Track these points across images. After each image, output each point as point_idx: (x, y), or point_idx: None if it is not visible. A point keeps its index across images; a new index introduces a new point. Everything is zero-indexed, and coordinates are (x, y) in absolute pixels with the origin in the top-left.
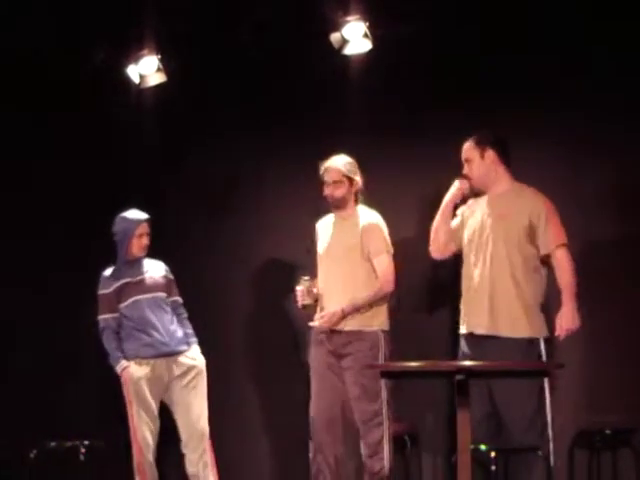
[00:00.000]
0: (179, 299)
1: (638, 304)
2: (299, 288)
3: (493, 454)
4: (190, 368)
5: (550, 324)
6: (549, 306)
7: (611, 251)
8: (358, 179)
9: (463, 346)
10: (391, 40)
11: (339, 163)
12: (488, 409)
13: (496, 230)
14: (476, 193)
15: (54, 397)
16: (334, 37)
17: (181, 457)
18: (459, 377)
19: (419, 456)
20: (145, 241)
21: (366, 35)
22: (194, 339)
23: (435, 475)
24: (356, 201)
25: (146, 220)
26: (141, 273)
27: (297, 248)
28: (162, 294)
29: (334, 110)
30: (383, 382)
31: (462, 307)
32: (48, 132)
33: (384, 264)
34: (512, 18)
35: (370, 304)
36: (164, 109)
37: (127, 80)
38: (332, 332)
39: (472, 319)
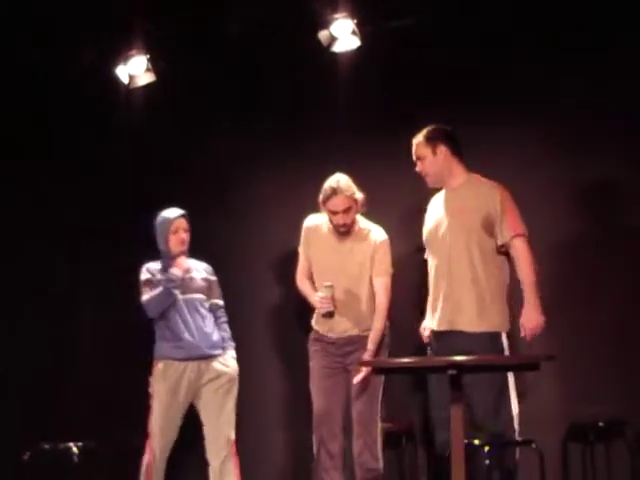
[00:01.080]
0: (219, 302)
1: (628, 296)
2: (322, 295)
3: (487, 448)
4: (221, 374)
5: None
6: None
7: (600, 244)
8: (361, 197)
9: (432, 342)
10: (379, 37)
11: (342, 189)
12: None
13: (452, 226)
14: (434, 189)
15: (48, 399)
16: (322, 35)
17: (203, 464)
18: (451, 372)
19: (414, 452)
20: (182, 236)
21: (354, 32)
22: (231, 343)
23: (429, 471)
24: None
25: (181, 216)
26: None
27: (289, 248)
28: (200, 296)
29: (322, 107)
30: (382, 379)
31: (427, 305)
32: (36, 133)
33: (387, 286)
34: (502, 14)
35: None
36: (153, 109)
37: (116, 80)
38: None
39: (434, 316)
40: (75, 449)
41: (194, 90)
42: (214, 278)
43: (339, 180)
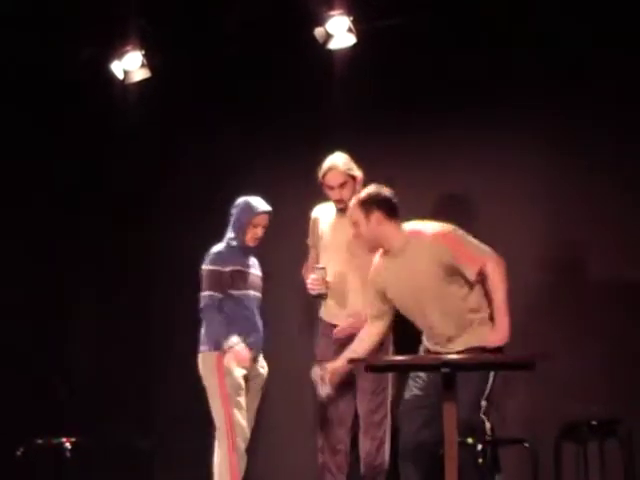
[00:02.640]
0: None
1: (621, 296)
2: (314, 277)
3: (480, 447)
4: (260, 374)
5: None
6: None
7: (592, 244)
8: (359, 174)
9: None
10: (375, 34)
11: (339, 163)
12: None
13: (411, 288)
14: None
15: (41, 394)
16: (318, 32)
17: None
18: (445, 370)
19: None
20: (260, 233)
21: (350, 29)
22: None
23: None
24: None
25: (267, 212)
26: (249, 266)
27: (288, 242)
28: (260, 295)
29: (318, 105)
30: (390, 376)
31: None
32: (34, 130)
33: None
34: (500, 12)
35: None
36: (149, 105)
37: (111, 76)
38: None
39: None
40: (68, 445)
41: (189, 86)
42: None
43: (336, 156)
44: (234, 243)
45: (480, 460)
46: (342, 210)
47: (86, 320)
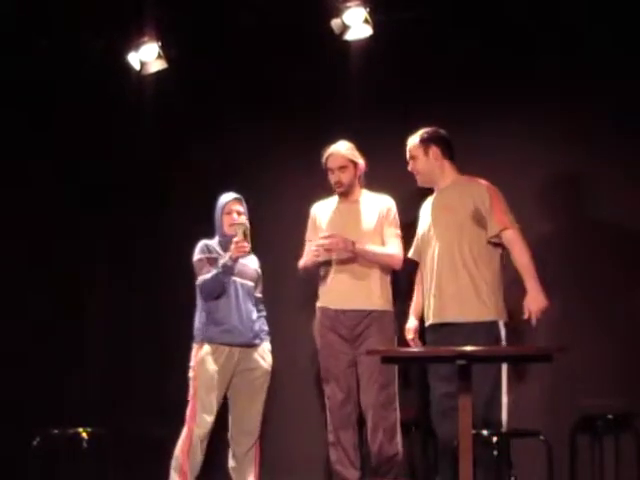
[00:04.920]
0: (261, 296)
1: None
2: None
3: (495, 439)
4: (258, 366)
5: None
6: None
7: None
8: (362, 162)
9: (427, 336)
10: (392, 26)
11: (341, 148)
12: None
13: (440, 222)
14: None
15: (58, 384)
16: (335, 23)
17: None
18: (460, 362)
19: (424, 442)
20: (235, 219)
21: (367, 21)
22: (267, 337)
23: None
24: (360, 185)
25: (235, 199)
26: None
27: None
28: (252, 284)
29: (335, 96)
30: (396, 368)
31: (411, 306)
32: (49, 121)
33: (399, 247)
34: (520, 7)
35: (379, 264)
36: (165, 96)
37: (128, 67)
38: (343, 312)
39: (426, 310)
40: (84, 435)
41: (206, 77)
42: (260, 272)
43: (341, 142)
44: (220, 237)
45: (495, 452)
46: (341, 195)
47: (101, 311)
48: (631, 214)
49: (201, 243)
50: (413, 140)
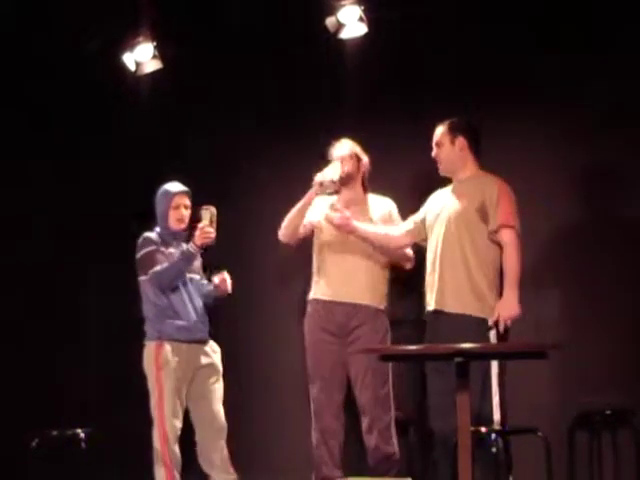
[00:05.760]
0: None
1: (637, 285)
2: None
3: (493, 436)
4: (214, 361)
5: None
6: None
7: (608, 234)
8: (366, 160)
9: (427, 323)
10: (387, 24)
11: (342, 142)
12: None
13: (449, 211)
14: (444, 180)
15: (57, 385)
16: (330, 21)
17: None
18: (458, 359)
19: (421, 441)
20: (182, 213)
21: (361, 19)
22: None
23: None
24: (365, 188)
25: (184, 192)
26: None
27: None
28: (199, 277)
29: (330, 94)
30: (390, 365)
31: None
32: (45, 122)
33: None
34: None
35: (382, 252)
36: (160, 96)
37: (123, 67)
38: (336, 304)
39: (427, 297)
40: (83, 435)
41: (201, 77)
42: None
43: (344, 139)
44: (163, 231)
45: (494, 450)
46: (343, 186)
47: (100, 311)
48: (631, 212)
49: (145, 235)
50: (442, 127)
